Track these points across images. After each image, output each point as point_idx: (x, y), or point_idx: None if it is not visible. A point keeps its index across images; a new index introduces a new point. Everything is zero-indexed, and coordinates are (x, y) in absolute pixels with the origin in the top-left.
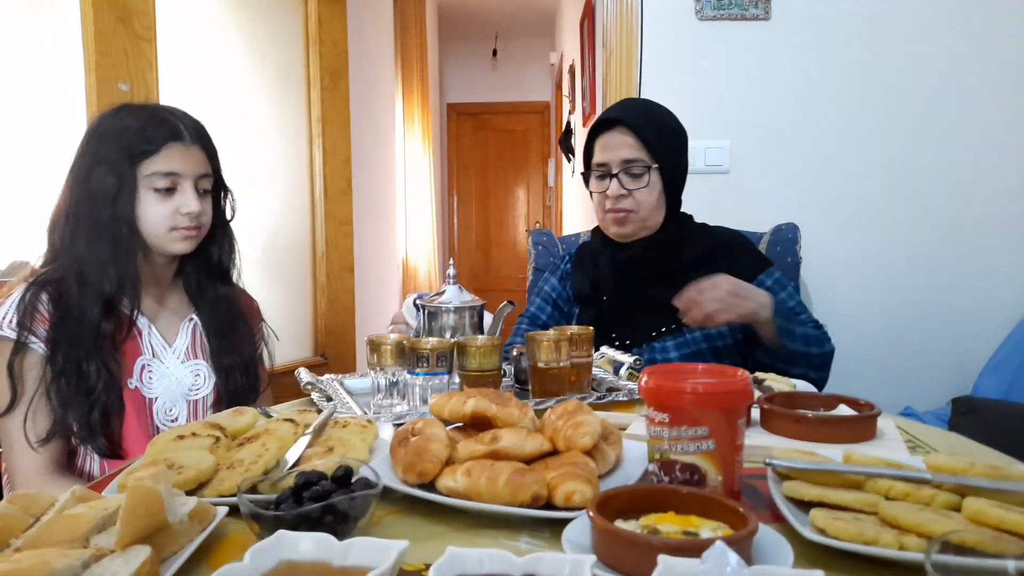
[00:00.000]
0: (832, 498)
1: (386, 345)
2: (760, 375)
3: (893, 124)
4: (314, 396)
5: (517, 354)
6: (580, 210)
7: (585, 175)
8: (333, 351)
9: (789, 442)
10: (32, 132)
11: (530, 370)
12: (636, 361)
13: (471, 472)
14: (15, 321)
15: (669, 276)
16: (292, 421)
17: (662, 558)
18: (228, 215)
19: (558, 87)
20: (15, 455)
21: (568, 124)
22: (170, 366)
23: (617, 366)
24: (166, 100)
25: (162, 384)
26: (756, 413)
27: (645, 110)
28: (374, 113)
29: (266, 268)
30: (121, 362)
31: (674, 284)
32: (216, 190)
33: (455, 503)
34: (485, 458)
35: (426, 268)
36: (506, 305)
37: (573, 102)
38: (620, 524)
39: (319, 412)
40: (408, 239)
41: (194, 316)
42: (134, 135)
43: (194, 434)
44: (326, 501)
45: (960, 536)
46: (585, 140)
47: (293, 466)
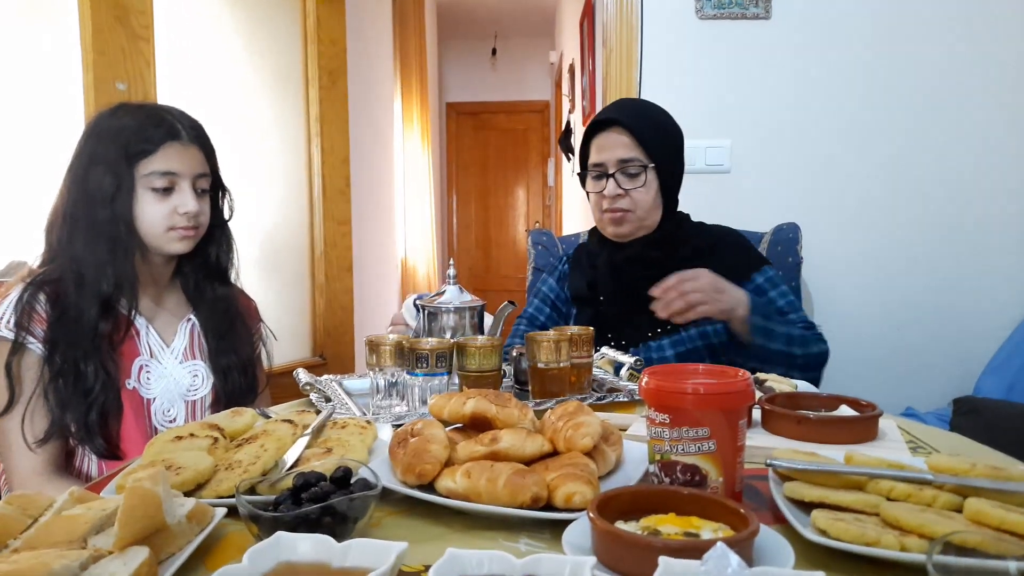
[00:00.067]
0: (833, 499)
1: (385, 346)
2: (761, 376)
3: (894, 124)
4: (313, 397)
5: (517, 354)
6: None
7: (582, 175)
8: (332, 351)
9: (790, 443)
10: (31, 132)
11: (530, 371)
12: (636, 362)
13: (471, 473)
14: (13, 321)
15: (666, 275)
16: (291, 422)
17: (663, 559)
18: (226, 215)
19: (558, 86)
20: (13, 456)
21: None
22: (168, 366)
23: (617, 367)
24: (164, 99)
25: (160, 385)
26: (757, 414)
27: (641, 110)
28: (373, 112)
29: (264, 268)
30: (119, 362)
31: None
32: (214, 190)
33: (454, 504)
34: (485, 459)
35: (425, 268)
36: (507, 305)
37: (573, 101)
38: (621, 525)
39: (318, 413)
40: (407, 239)
41: (192, 316)
42: (132, 135)
43: (192, 435)
44: (325, 502)
45: (962, 537)
46: (581, 141)
47: (292, 467)
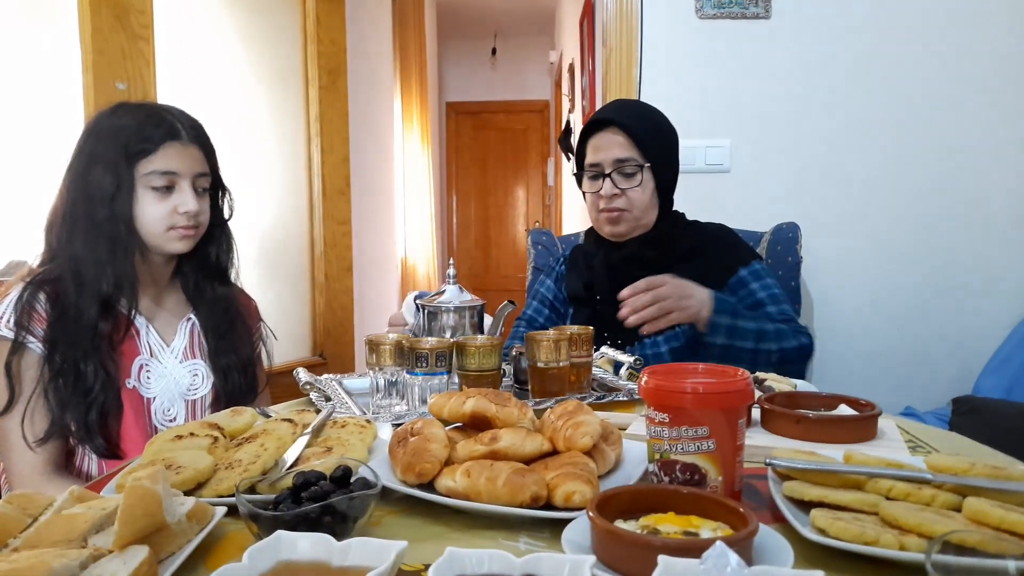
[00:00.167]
0: (833, 498)
1: (385, 345)
2: (760, 375)
3: (894, 123)
4: (313, 396)
5: (517, 354)
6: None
7: (578, 176)
8: (332, 351)
9: (790, 442)
10: (31, 132)
11: (530, 370)
12: (636, 361)
13: (470, 472)
14: (13, 321)
15: (662, 273)
16: (290, 421)
17: (662, 558)
18: (226, 214)
19: (557, 86)
20: (13, 455)
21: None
22: (168, 366)
23: (617, 366)
24: (164, 99)
25: (160, 384)
26: (757, 413)
27: (636, 110)
28: (373, 112)
29: (264, 268)
30: (119, 362)
31: None
32: (214, 189)
33: (454, 503)
34: (484, 458)
35: (425, 267)
36: (507, 305)
37: (573, 101)
38: (620, 524)
39: (318, 412)
40: (407, 238)
41: (192, 316)
42: (132, 134)
43: (192, 434)
44: (325, 501)
45: (961, 536)
46: (577, 142)
47: (291, 466)
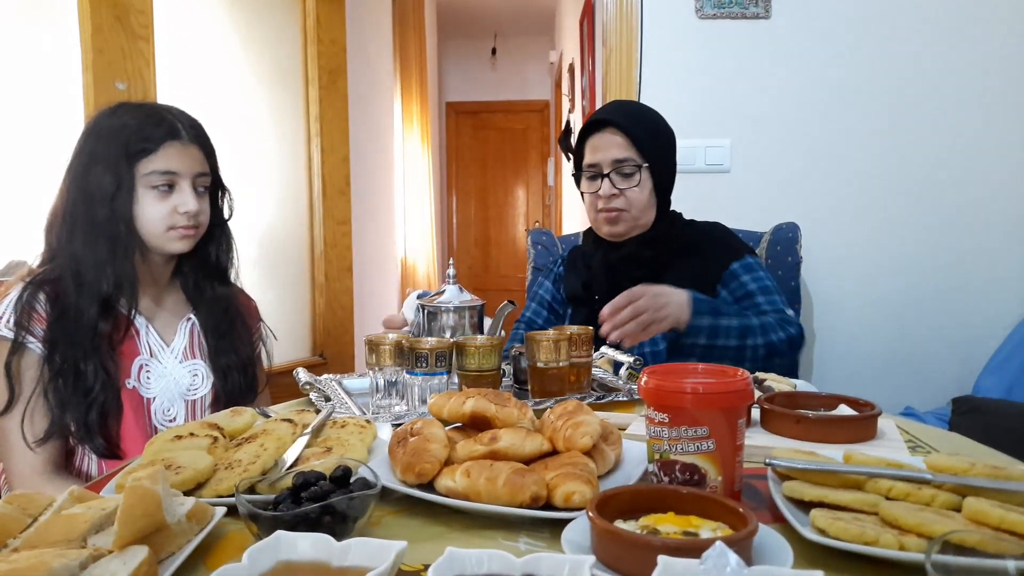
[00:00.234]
0: (832, 498)
1: (385, 345)
2: (760, 375)
3: (894, 123)
4: (312, 396)
5: (516, 354)
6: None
7: (576, 176)
8: (332, 351)
9: (789, 442)
10: (31, 132)
11: (529, 370)
12: (636, 361)
13: (470, 472)
14: (12, 321)
15: (660, 273)
16: (290, 421)
17: (662, 558)
18: (226, 214)
19: (557, 86)
20: (13, 455)
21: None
22: (168, 366)
23: (617, 366)
24: (164, 99)
25: (160, 384)
26: (756, 413)
27: (634, 111)
28: (373, 112)
29: (264, 268)
30: (119, 362)
31: (664, 280)
32: (213, 189)
33: (454, 503)
34: (484, 458)
35: (425, 267)
36: (506, 305)
37: (573, 101)
38: (620, 524)
39: (317, 412)
40: (407, 238)
41: (192, 316)
42: (132, 134)
43: (192, 434)
44: (324, 501)
45: (960, 536)
46: (575, 142)
47: (291, 466)
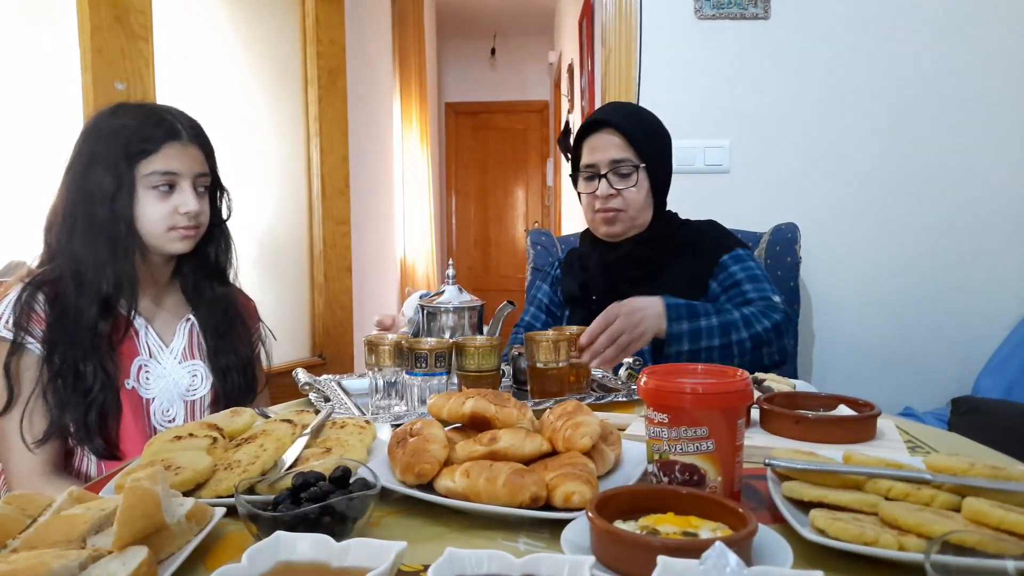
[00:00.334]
0: (832, 499)
1: (384, 345)
2: (760, 375)
3: (893, 123)
4: (312, 397)
5: (516, 354)
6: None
7: (574, 177)
8: (331, 351)
9: (789, 442)
10: (30, 132)
11: (529, 370)
12: (635, 361)
13: (470, 473)
14: (11, 321)
15: (656, 273)
16: (290, 422)
17: (661, 559)
18: (224, 214)
19: (557, 86)
20: (12, 456)
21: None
22: (167, 366)
23: (616, 366)
24: (163, 99)
25: (159, 385)
26: (756, 413)
27: (631, 112)
28: (372, 112)
29: (264, 268)
30: (118, 363)
31: (660, 280)
32: (212, 189)
33: (454, 504)
34: (484, 459)
35: (424, 268)
36: (506, 305)
37: (572, 101)
38: (619, 525)
39: (317, 413)
40: (406, 239)
41: (191, 316)
42: (132, 134)
43: (191, 435)
44: (324, 502)
45: (960, 536)
46: (573, 143)
47: (291, 467)
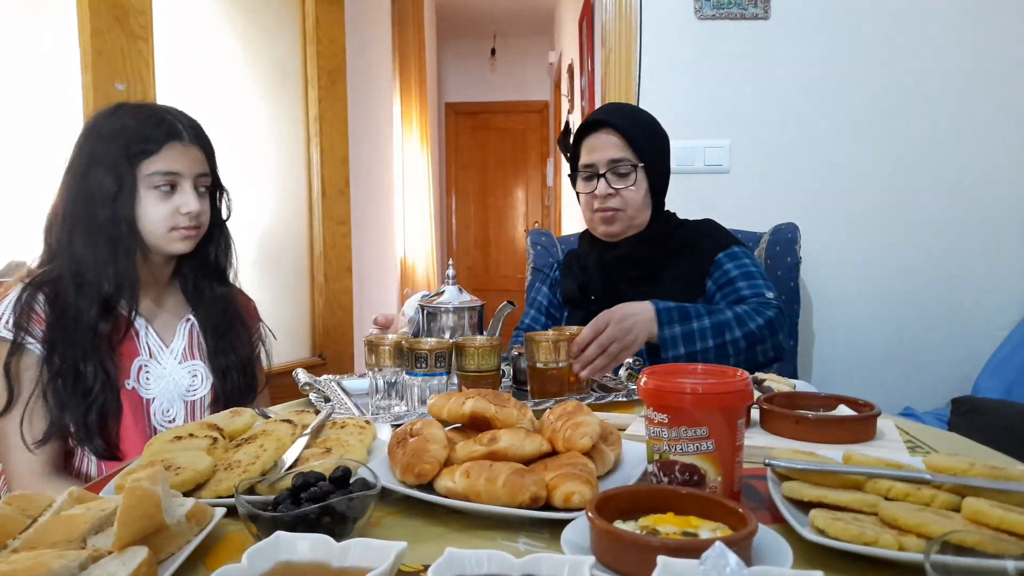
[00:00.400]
0: (832, 499)
1: (384, 346)
2: (760, 375)
3: (893, 123)
4: (312, 397)
5: (516, 354)
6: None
7: (572, 177)
8: (331, 351)
9: (789, 442)
10: (30, 132)
11: (529, 370)
12: (635, 361)
13: (470, 473)
14: (11, 322)
15: (654, 273)
16: (290, 422)
17: (661, 559)
18: (224, 214)
19: (557, 86)
20: (12, 456)
21: (567, 124)
22: (167, 367)
23: (616, 367)
24: (163, 100)
25: (159, 385)
26: (756, 414)
27: (629, 112)
28: (372, 112)
29: (263, 268)
30: (118, 363)
31: (659, 280)
32: (212, 189)
33: (454, 504)
34: (484, 459)
35: (424, 268)
36: (506, 305)
37: (572, 101)
38: (619, 525)
39: (317, 413)
40: (406, 239)
41: (191, 316)
42: (132, 135)
43: (191, 435)
44: (324, 502)
45: (960, 536)
46: (571, 144)
47: (291, 467)
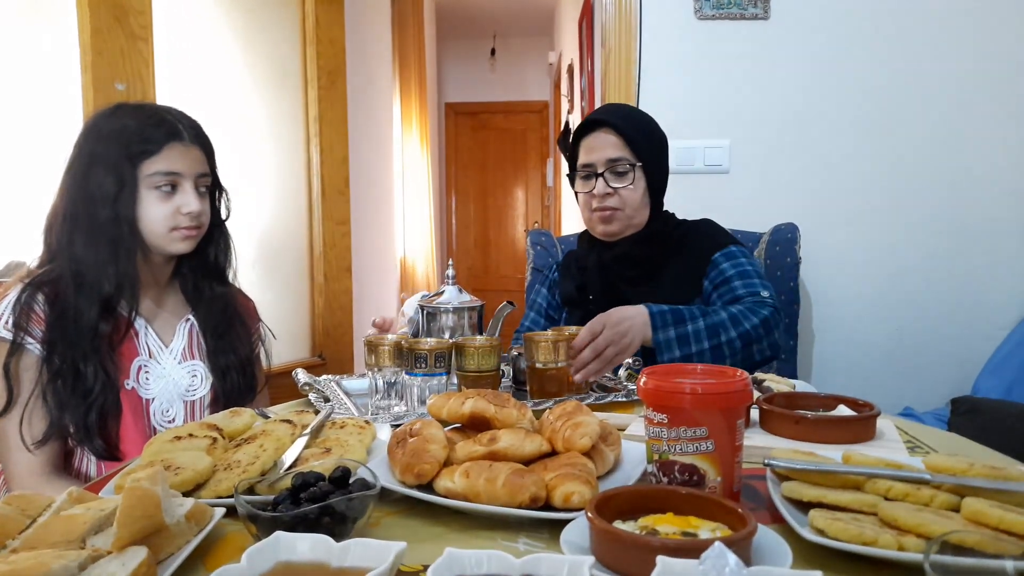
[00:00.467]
0: (831, 499)
1: (384, 346)
2: (760, 375)
3: (893, 123)
4: (311, 397)
5: (516, 355)
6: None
7: (571, 176)
8: (331, 352)
9: (788, 443)
10: (30, 132)
11: (528, 371)
12: (635, 361)
13: (469, 473)
14: (11, 322)
15: (653, 273)
16: (289, 422)
17: (661, 559)
18: (223, 214)
19: (556, 86)
20: (12, 457)
21: (567, 124)
22: (167, 367)
23: (616, 367)
24: (163, 100)
25: (159, 385)
26: (755, 414)
27: (627, 112)
28: (372, 113)
29: (264, 268)
30: (118, 363)
31: (657, 279)
32: (212, 189)
33: (453, 504)
34: (483, 459)
35: (424, 268)
36: (506, 305)
37: (572, 102)
38: (619, 525)
39: (316, 413)
40: (406, 239)
41: (191, 316)
42: (133, 135)
43: (191, 435)
44: (324, 502)
45: (959, 536)
46: (570, 144)
47: (290, 467)
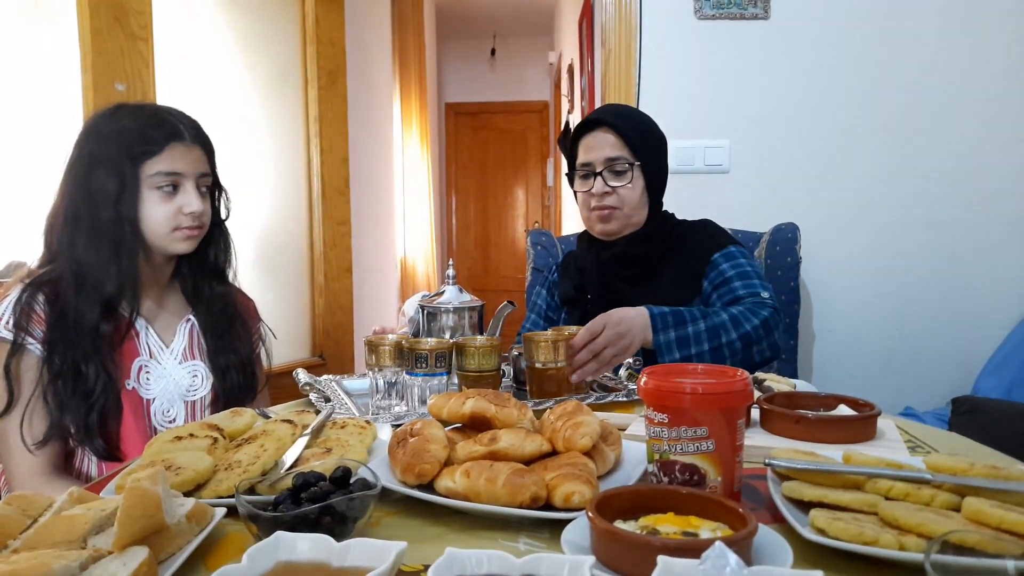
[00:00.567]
0: (832, 498)
1: (385, 346)
2: (760, 375)
3: (892, 123)
4: (312, 397)
5: (516, 354)
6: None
7: (570, 176)
8: (331, 352)
9: (789, 442)
10: (30, 132)
11: (528, 371)
12: (636, 361)
13: (470, 473)
14: (12, 322)
15: (651, 272)
16: (290, 422)
17: (661, 559)
18: (223, 214)
19: (557, 86)
20: (12, 457)
21: (567, 124)
22: (167, 367)
23: (616, 366)
24: (163, 100)
25: (159, 385)
26: (756, 413)
27: (626, 112)
28: (372, 113)
29: (264, 268)
30: (119, 363)
31: (656, 279)
32: (212, 189)
33: (454, 504)
34: (484, 459)
35: (425, 268)
36: (506, 305)
37: (572, 102)
38: (619, 525)
39: (317, 413)
40: (407, 239)
41: (191, 316)
42: (134, 135)
43: (192, 435)
44: (324, 502)
45: (960, 536)
46: (569, 143)
47: (291, 467)
